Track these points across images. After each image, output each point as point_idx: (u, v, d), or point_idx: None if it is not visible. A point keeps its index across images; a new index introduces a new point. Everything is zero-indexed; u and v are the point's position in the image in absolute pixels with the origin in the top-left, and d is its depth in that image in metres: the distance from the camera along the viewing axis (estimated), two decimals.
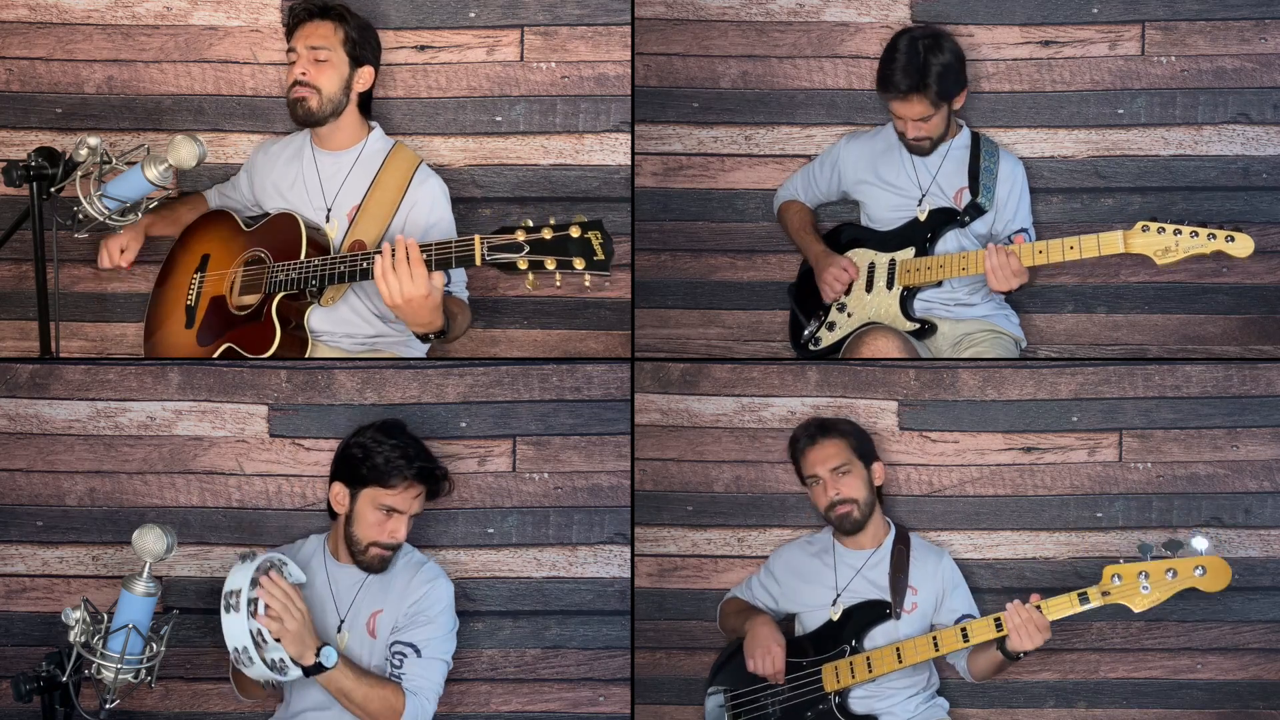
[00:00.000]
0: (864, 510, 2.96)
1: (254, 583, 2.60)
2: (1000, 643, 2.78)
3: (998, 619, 2.77)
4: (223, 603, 2.57)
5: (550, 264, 2.50)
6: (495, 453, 3.11)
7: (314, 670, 2.61)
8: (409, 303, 2.60)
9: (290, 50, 2.95)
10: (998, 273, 2.94)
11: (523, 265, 2.51)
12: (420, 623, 2.83)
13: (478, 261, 2.55)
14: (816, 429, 3.00)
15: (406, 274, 2.58)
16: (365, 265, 2.69)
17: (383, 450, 2.79)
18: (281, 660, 2.59)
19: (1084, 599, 2.74)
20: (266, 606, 2.59)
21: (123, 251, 3.04)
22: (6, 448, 3.10)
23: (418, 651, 2.81)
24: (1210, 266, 3.29)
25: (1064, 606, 2.74)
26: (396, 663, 2.80)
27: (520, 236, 2.52)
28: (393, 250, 2.58)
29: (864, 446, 3.01)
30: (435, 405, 3.10)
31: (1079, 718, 3.20)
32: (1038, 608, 2.73)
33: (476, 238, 2.55)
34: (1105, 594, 2.74)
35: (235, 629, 2.55)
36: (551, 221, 2.52)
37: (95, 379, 3.11)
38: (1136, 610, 2.74)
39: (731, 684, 3.00)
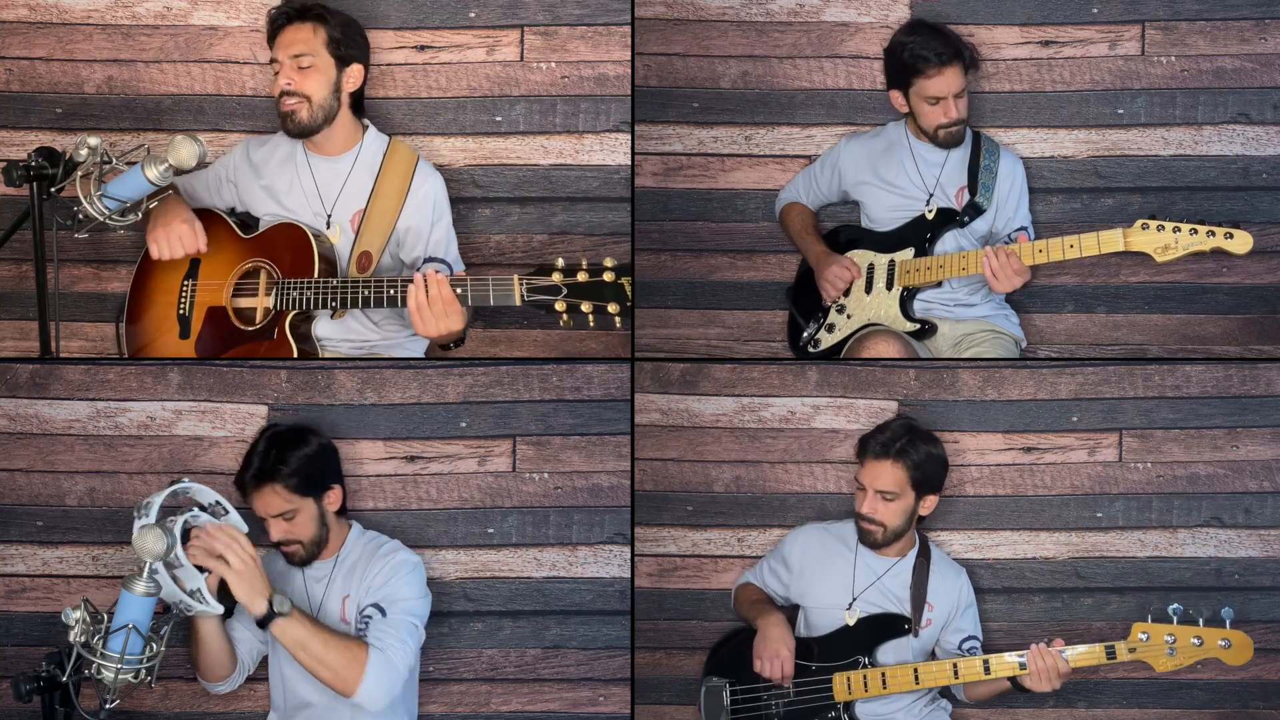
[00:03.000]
0: (889, 536, 2.92)
1: (178, 509, 2.56)
2: (1014, 676, 2.80)
3: (1022, 655, 2.78)
4: (134, 510, 2.52)
5: (586, 308, 2.62)
6: (495, 453, 3.11)
7: (266, 620, 2.56)
8: (440, 334, 2.72)
9: (273, 60, 2.92)
10: (999, 275, 2.95)
11: (560, 307, 2.63)
12: (385, 586, 2.80)
13: (516, 303, 2.65)
14: (884, 447, 2.89)
15: (441, 312, 2.68)
16: (393, 293, 2.75)
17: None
18: (199, 591, 2.53)
19: (1111, 653, 2.75)
20: (195, 545, 2.54)
21: (191, 225, 2.90)
22: (6, 448, 3.10)
23: (383, 611, 2.76)
24: (1210, 266, 3.29)
25: (1089, 659, 2.76)
26: (363, 625, 2.77)
27: (557, 279, 2.63)
28: (425, 285, 2.67)
29: (926, 478, 2.92)
30: (435, 405, 3.10)
31: (1079, 718, 3.20)
32: (1063, 654, 2.75)
33: (515, 279, 2.65)
34: (1132, 650, 2.75)
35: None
36: (584, 264, 2.64)
37: (95, 379, 3.11)
38: (1158, 670, 2.77)
39: (735, 676, 2.96)
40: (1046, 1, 3.30)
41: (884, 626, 2.92)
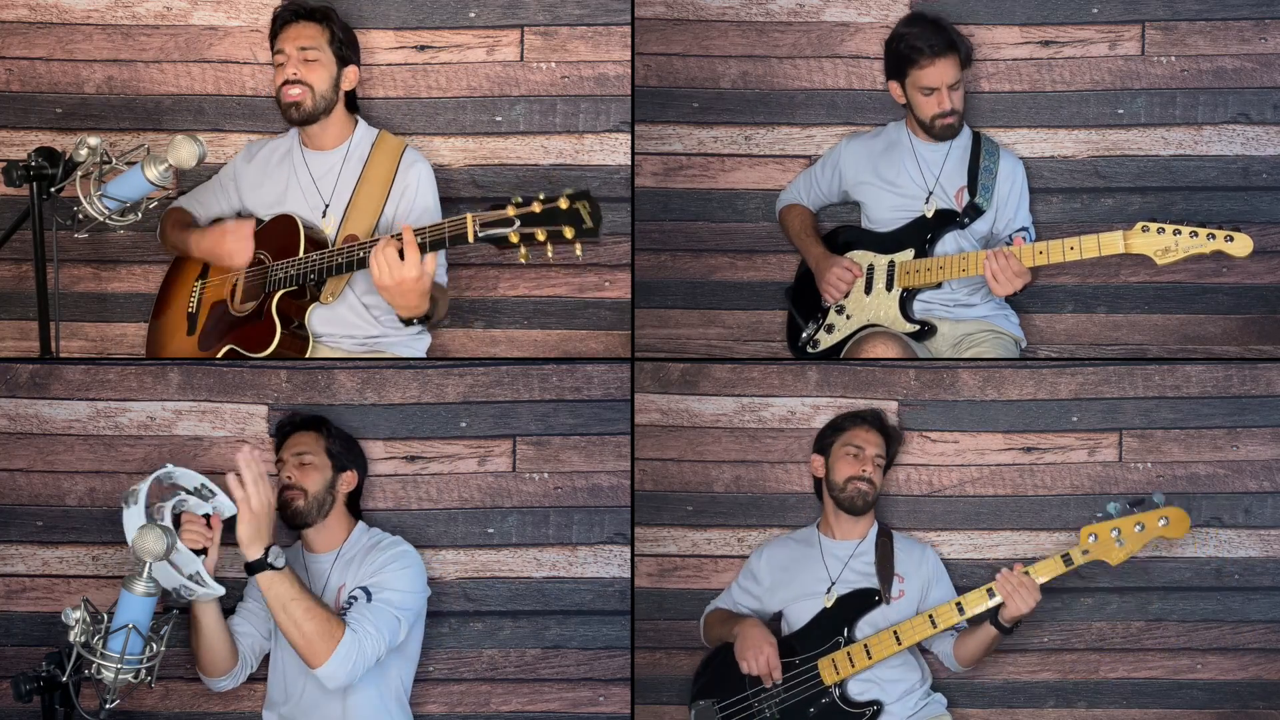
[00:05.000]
0: (875, 496, 3.02)
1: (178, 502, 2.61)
2: (994, 617, 2.83)
3: (990, 588, 2.83)
4: (122, 500, 2.54)
5: (541, 235, 2.52)
6: (495, 453, 3.12)
7: (258, 566, 2.58)
8: (399, 284, 2.64)
9: (278, 52, 2.97)
10: (999, 276, 2.94)
11: (514, 239, 2.53)
12: (377, 574, 2.81)
13: (470, 239, 2.57)
14: (875, 418, 3.08)
15: (395, 256, 2.62)
16: (361, 255, 2.73)
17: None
18: (198, 574, 2.55)
19: (1067, 560, 2.87)
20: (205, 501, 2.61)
21: (237, 231, 2.95)
22: (6, 448, 3.10)
23: (368, 596, 2.77)
24: (1210, 266, 3.29)
25: (1050, 568, 2.86)
26: (346, 605, 2.78)
27: (511, 212, 2.54)
28: (386, 240, 2.64)
29: (893, 453, 3.12)
30: (435, 405, 3.10)
31: (1079, 718, 3.20)
32: (1026, 573, 2.82)
33: (468, 216, 2.58)
34: (1085, 553, 2.87)
35: (130, 523, 2.53)
36: (540, 195, 2.54)
37: (95, 379, 3.11)
38: (1113, 564, 2.89)
39: (720, 693, 2.98)
40: (1046, 1, 3.30)
41: (856, 602, 2.96)
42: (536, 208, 2.53)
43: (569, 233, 2.52)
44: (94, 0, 3.22)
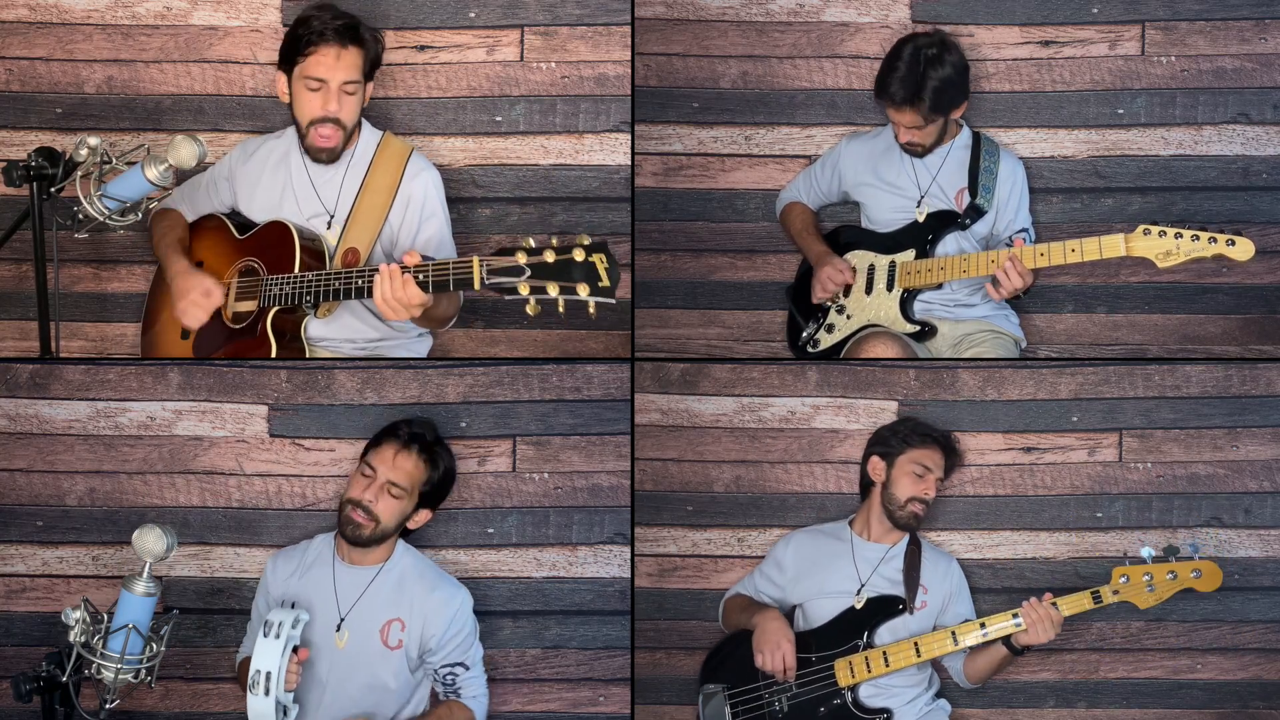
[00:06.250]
0: (924, 517, 3.01)
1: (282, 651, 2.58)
2: (1007, 637, 2.84)
3: (1016, 614, 2.83)
4: (250, 681, 2.52)
5: (553, 289, 2.39)
6: (495, 453, 3.12)
7: None
8: (397, 311, 2.60)
9: (314, 77, 2.80)
10: (1004, 284, 2.93)
11: (524, 290, 2.42)
12: (460, 642, 2.90)
13: (476, 285, 2.47)
14: (944, 438, 3.05)
15: (404, 299, 2.56)
16: (360, 284, 2.66)
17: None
18: (285, 709, 2.61)
19: (1097, 598, 2.85)
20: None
21: (208, 294, 2.85)
22: (6, 448, 3.10)
23: (466, 667, 2.92)
24: (1210, 267, 3.29)
25: (1078, 604, 2.85)
26: (450, 681, 2.91)
27: (521, 259, 2.42)
28: (389, 276, 2.56)
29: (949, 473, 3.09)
30: (435, 405, 3.10)
31: (1079, 718, 3.20)
32: (1054, 605, 2.82)
33: (475, 260, 2.48)
34: (1116, 593, 2.86)
35: (262, 709, 2.54)
36: (554, 242, 2.41)
37: (95, 379, 3.11)
38: (1141, 608, 2.89)
39: (731, 680, 2.98)
40: (1046, 1, 3.30)
41: (879, 609, 2.95)
42: (549, 256, 2.39)
43: (583, 290, 2.38)
44: (94, 0, 3.22)
